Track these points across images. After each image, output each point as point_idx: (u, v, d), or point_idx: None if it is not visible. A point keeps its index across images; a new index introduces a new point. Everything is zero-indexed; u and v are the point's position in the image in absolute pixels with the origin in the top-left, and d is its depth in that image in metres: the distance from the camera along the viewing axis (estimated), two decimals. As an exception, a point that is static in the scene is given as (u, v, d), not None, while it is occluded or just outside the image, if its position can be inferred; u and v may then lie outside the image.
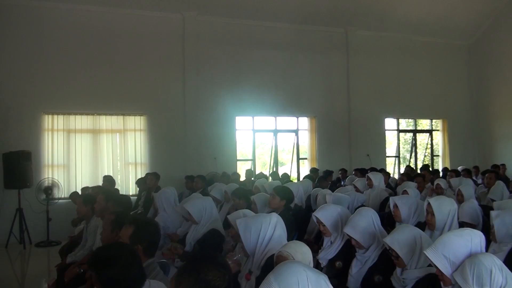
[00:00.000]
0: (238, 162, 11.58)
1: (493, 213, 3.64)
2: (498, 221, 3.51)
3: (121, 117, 10.40)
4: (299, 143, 12.42)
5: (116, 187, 8.87)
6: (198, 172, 9.37)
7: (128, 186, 10.37)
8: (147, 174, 9.11)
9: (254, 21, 11.33)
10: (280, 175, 10.19)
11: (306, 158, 12.47)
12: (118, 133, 10.40)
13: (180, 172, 10.07)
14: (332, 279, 2.00)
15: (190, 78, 10.73)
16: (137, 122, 10.53)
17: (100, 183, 8.79)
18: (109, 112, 10.26)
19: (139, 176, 9.92)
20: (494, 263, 2.28)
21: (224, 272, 1.93)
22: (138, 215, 7.00)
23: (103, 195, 4.88)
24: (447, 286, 2.52)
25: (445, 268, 2.48)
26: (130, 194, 9.99)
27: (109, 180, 8.64)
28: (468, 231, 2.63)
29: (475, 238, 2.57)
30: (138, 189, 9.42)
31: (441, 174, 10.31)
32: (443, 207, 3.85)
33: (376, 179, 6.69)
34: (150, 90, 10.47)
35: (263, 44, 11.46)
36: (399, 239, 2.97)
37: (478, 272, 2.24)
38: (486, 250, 3.52)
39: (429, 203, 3.92)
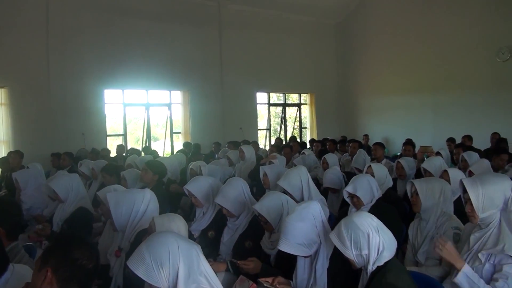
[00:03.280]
0: (108, 138, 11.15)
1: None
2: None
3: (-21, 90, 9.42)
4: (173, 117, 12.32)
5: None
6: (65, 149, 8.82)
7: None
8: (9, 152, 8.34)
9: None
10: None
11: (180, 132, 12.42)
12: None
13: (46, 150, 9.31)
14: (204, 249, 2.08)
15: (55, 46, 9.96)
16: (-4, 96, 9.60)
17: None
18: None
19: (0, 155, 9.05)
20: (370, 225, 2.29)
21: (91, 251, 1.91)
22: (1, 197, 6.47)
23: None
24: None
25: (306, 252, 2.60)
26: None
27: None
28: (304, 210, 2.65)
29: (314, 211, 2.66)
30: (0, 169, 8.65)
31: (308, 145, 10.99)
32: (292, 181, 4.10)
33: (248, 151, 6.97)
34: (11, 60, 9.52)
35: (135, 13, 11.01)
36: (268, 205, 3.13)
37: (355, 237, 2.26)
38: (347, 213, 3.85)
39: None
